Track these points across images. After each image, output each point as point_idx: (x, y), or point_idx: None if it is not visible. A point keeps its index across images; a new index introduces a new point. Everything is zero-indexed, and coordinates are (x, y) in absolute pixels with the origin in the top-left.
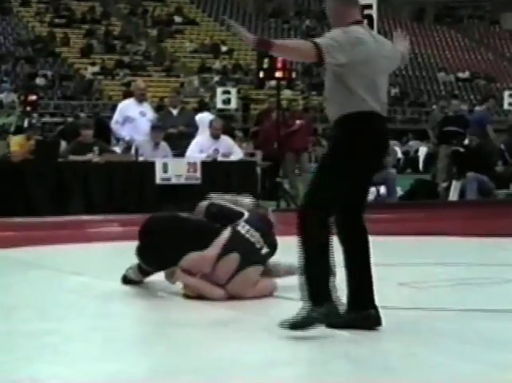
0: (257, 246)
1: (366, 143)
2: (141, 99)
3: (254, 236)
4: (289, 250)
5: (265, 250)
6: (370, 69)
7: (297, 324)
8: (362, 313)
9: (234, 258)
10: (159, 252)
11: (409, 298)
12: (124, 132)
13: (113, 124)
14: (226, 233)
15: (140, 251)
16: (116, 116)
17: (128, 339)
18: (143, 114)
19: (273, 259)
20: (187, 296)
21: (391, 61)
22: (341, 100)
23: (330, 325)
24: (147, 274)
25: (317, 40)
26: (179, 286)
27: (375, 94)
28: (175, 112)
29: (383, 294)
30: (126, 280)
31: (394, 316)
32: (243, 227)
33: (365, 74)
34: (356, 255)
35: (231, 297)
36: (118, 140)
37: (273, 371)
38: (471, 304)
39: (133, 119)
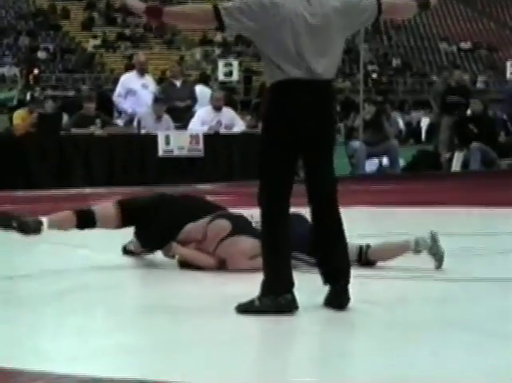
0: (253, 222)
1: (284, 114)
2: (142, 72)
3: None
4: None
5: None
6: (287, 31)
7: (242, 308)
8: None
9: (224, 224)
10: (155, 231)
11: (410, 267)
12: (127, 105)
13: (115, 97)
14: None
15: (137, 232)
16: (118, 89)
17: (130, 312)
18: (145, 86)
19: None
20: (181, 264)
21: (336, 18)
22: (264, 70)
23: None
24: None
25: (222, 4)
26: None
27: (295, 58)
28: (178, 83)
29: (384, 263)
30: (126, 251)
31: (395, 285)
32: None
33: (280, 38)
34: (331, 237)
35: (224, 265)
36: (120, 113)
37: (273, 343)
38: (473, 273)
39: (135, 91)
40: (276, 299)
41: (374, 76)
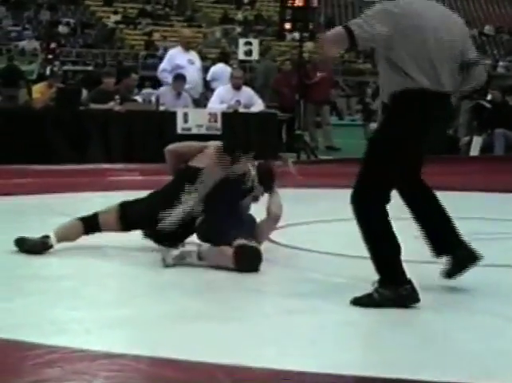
0: None
1: (414, 122)
2: (187, 47)
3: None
4: (307, 200)
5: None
6: (424, 40)
7: (360, 302)
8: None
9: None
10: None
11: (423, 252)
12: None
13: (160, 73)
14: None
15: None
16: (164, 65)
17: (144, 285)
18: (191, 62)
19: None
20: None
21: (463, 38)
22: (389, 77)
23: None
24: None
25: (352, 20)
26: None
27: (427, 69)
28: None
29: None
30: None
31: (409, 268)
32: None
33: (415, 46)
34: (431, 213)
35: None
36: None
37: (290, 320)
38: (485, 258)
39: (182, 67)
40: (397, 290)
41: None
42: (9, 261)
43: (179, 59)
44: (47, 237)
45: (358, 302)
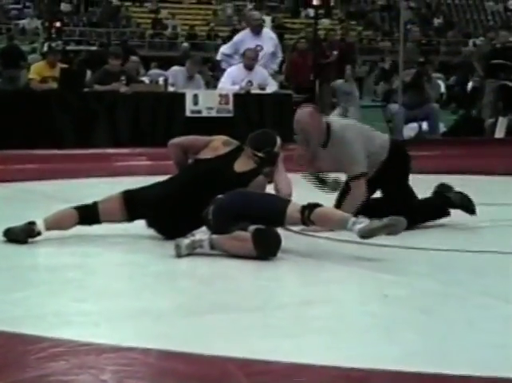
0: None
1: None
2: (258, 30)
3: None
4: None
5: None
6: None
7: None
8: None
9: None
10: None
11: (449, 239)
12: (236, 62)
13: (220, 56)
14: None
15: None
16: (224, 48)
17: (153, 275)
18: (260, 48)
19: None
20: None
21: None
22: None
23: None
24: None
25: (360, 168)
26: None
27: None
28: None
29: (422, 234)
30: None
31: (433, 256)
32: None
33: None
34: None
35: None
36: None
37: (308, 310)
38: (506, 246)
39: None
40: None
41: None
42: (10, 250)
43: (246, 45)
44: (33, 223)
45: None
